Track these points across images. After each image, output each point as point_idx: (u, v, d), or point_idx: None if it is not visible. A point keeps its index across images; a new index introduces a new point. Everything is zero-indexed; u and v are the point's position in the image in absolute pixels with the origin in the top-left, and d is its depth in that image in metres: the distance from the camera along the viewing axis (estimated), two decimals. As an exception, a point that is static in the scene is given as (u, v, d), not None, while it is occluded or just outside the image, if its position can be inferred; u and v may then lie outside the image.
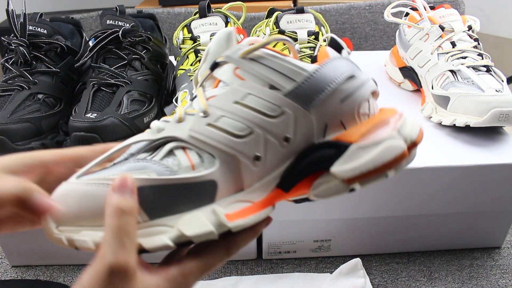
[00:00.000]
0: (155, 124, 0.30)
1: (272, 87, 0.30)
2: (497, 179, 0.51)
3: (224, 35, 0.32)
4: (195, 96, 0.32)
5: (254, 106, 0.29)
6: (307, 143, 0.30)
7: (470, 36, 0.62)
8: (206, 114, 0.30)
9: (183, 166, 0.28)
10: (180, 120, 0.30)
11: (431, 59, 0.61)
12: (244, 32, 0.42)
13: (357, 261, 0.53)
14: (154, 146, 0.30)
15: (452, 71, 0.58)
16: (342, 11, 1.09)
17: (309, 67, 0.30)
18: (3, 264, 0.56)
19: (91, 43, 0.58)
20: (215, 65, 0.32)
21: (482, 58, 0.59)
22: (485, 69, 0.57)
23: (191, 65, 0.59)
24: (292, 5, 1.32)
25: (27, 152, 0.30)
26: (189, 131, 0.29)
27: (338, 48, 0.35)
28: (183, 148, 0.29)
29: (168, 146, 0.29)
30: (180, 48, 0.62)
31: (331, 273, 0.54)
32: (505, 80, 0.56)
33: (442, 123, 0.56)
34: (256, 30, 0.67)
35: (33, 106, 0.52)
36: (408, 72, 0.67)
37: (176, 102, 0.54)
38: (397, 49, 0.72)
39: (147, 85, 0.57)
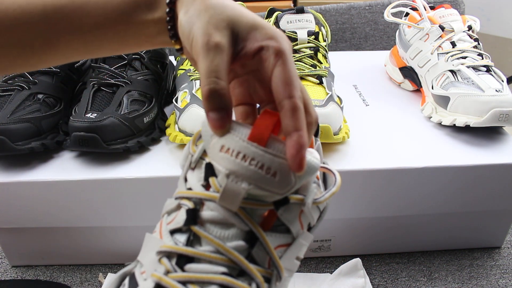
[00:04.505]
0: None
1: (309, 227, 0.30)
2: (497, 179, 0.51)
3: None
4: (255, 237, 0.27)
5: (301, 256, 0.30)
6: None
7: (470, 36, 0.62)
8: (281, 279, 0.28)
9: None
10: None
11: (431, 59, 0.61)
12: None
13: (357, 261, 0.53)
14: None
15: (452, 71, 0.58)
16: (342, 11, 1.08)
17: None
18: (3, 264, 0.56)
19: (91, 43, 0.58)
20: (282, 202, 0.27)
21: (482, 58, 0.59)
22: (485, 69, 0.57)
23: (191, 65, 0.59)
24: (292, 5, 1.32)
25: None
26: None
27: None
28: None
29: None
30: (180, 48, 0.62)
31: (331, 273, 0.54)
32: (505, 80, 0.57)
33: (442, 123, 0.56)
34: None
35: (33, 106, 0.52)
36: (408, 72, 0.67)
37: (176, 102, 0.54)
38: (397, 49, 0.72)
39: (147, 85, 0.57)
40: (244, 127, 0.27)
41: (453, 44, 0.61)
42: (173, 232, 0.27)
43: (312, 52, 0.59)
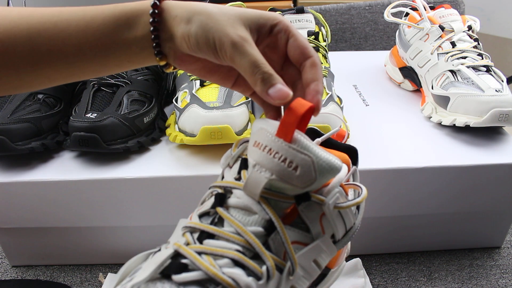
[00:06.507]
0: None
1: (333, 239, 0.31)
2: (497, 179, 0.51)
3: None
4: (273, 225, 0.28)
5: (321, 263, 0.30)
6: None
7: (470, 36, 0.62)
8: (293, 273, 0.29)
9: None
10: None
11: (431, 59, 0.61)
12: None
13: (357, 261, 0.53)
14: None
15: (452, 71, 0.58)
16: (342, 11, 1.09)
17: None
18: (3, 264, 0.56)
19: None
20: (303, 198, 0.29)
21: (482, 58, 0.59)
22: (485, 69, 0.57)
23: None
24: (292, 5, 1.32)
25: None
26: None
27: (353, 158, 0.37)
28: None
29: None
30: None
31: (331, 273, 0.54)
32: (505, 80, 0.57)
33: (442, 123, 0.56)
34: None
35: (33, 106, 0.52)
36: (408, 72, 0.67)
37: (176, 102, 0.54)
38: (397, 49, 0.72)
39: (147, 85, 0.57)
40: (274, 124, 0.29)
41: (453, 44, 0.61)
42: (201, 216, 0.30)
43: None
